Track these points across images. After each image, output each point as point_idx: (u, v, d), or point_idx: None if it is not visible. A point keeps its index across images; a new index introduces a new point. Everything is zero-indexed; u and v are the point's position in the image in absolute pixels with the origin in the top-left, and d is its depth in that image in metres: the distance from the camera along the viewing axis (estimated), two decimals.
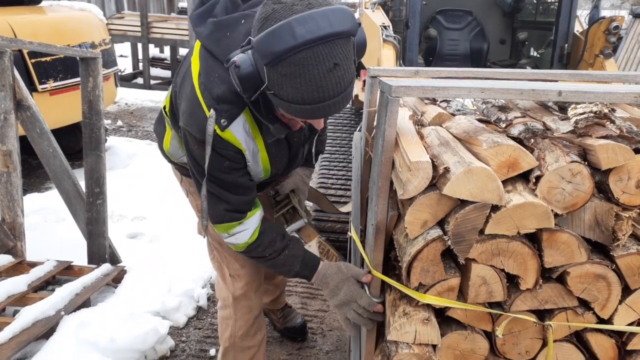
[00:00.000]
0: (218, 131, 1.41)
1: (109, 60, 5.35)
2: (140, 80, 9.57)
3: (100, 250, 2.98)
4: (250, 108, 1.42)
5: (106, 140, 5.46)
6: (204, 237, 1.84)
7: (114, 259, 3.05)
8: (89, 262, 2.97)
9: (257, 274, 1.93)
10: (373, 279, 1.48)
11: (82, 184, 2.95)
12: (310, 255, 1.64)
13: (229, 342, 2.00)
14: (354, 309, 1.49)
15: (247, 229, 1.57)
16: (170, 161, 1.90)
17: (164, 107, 1.74)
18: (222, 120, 1.40)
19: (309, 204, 2.79)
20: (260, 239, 1.60)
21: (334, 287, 1.56)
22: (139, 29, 9.06)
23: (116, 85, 5.74)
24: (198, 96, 1.42)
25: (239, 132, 1.45)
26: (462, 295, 1.29)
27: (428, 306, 1.31)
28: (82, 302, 2.56)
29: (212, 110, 1.39)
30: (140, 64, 9.77)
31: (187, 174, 1.83)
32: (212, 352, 2.56)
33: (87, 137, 2.91)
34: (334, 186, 3.54)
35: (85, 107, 2.89)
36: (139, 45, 9.54)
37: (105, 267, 2.89)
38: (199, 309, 2.90)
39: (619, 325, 1.26)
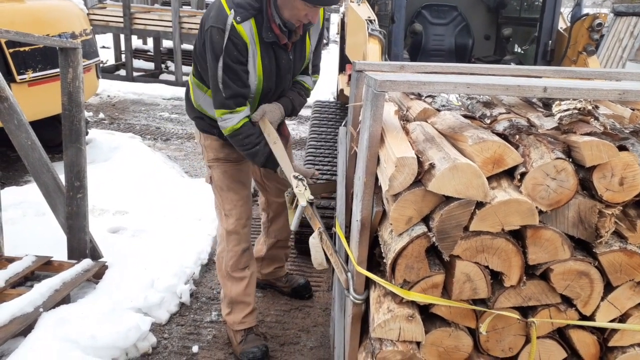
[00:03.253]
0: (234, 23, 2.03)
1: (90, 51, 5.23)
2: (122, 72, 9.42)
3: (80, 245, 2.92)
4: (256, 20, 2.07)
5: (87, 132, 5.35)
6: (209, 183, 2.48)
7: (95, 254, 3.00)
8: (69, 257, 2.91)
9: (244, 213, 2.43)
10: (357, 275, 1.47)
11: (63, 177, 2.89)
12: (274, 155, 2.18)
13: (224, 272, 2.48)
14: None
15: (235, 117, 2.15)
16: (194, 116, 2.42)
17: (192, 73, 2.36)
18: (237, 18, 2.04)
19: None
20: (242, 129, 2.16)
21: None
22: (121, 19, 8.90)
23: (98, 77, 5.63)
24: (223, 4, 2.07)
25: (247, 30, 2.07)
26: (446, 292, 1.29)
27: (412, 303, 1.30)
28: (62, 299, 2.51)
29: (232, 10, 2.05)
30: (123, 56, 9.61)
31: (206, 130, 2.37)
32: (195, 349, 2.53)
33: (67, 129, 2.84)
34: (318, 181, 3.52)
35: (65, 98, 2.82)
36: (122, 37, 9.38)
37: (86, 262, 2.84)
38: (182, 305, 2.86)
39: (601, 322, 1.27)
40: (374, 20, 3.19)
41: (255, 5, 2.08)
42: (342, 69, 4.95)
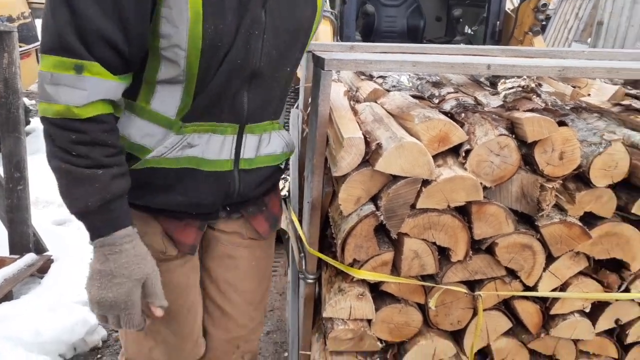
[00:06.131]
0: None
1: (29, 35, 4.97)
2: None
3: (23, 239, 2.78)
4: None
5: (29, 122, 5.10)
6: None
7: (39, 248, 2.86)
8: (11, 252, 2.77)
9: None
10: (309, 256, 1.46)
11: (1, 169, 2.74)
12: (124, 207, 1.06)
13: None
14: (118, 315, 1.08)
15: (83, 89, 0.96)
16: None
17: None
18: None
19: None
20: (96, 122, 0.98)
21: (115, 273, 1.06)
22: None
23: (38, 63, 5.35)
24: None
25: None
26: (395, 269, 1.30)
27: (363, 282, 1.31)
28: (4, 296, 2.39)
29: None
30: None
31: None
32: None
33: (4, 117, 2.68)
34: None
35: (1, 85, 2.65)
36: None
37: (30, 256, 2.71)
38: None
39: (543, 291, 1.31)
40: (326, 1, 3.16)
41: None
42: None
